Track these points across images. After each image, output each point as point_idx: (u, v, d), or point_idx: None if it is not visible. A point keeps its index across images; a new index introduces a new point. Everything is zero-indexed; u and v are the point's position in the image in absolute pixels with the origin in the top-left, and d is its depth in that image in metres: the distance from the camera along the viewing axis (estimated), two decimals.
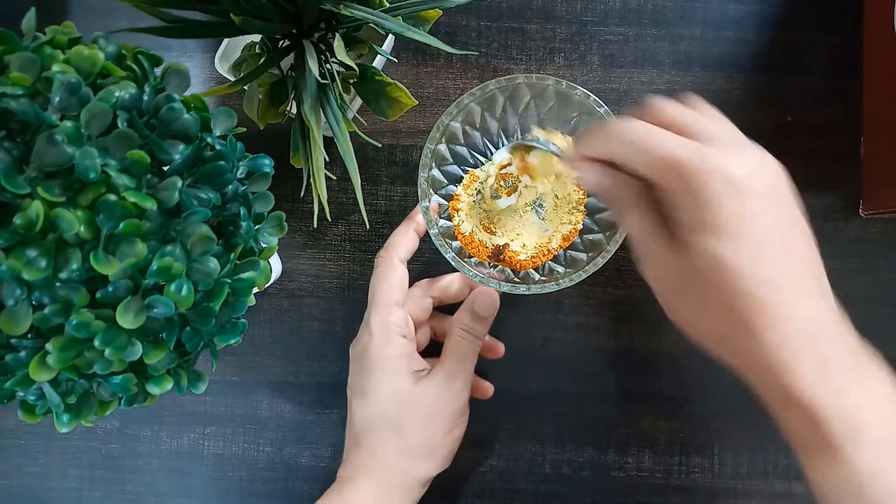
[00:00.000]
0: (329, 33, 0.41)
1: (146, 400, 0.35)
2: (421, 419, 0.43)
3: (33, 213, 0.27)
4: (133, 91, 0.31)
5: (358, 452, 0.44)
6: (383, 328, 0.44)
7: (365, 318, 0.45)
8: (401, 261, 0.46)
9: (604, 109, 0.43)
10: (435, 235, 0.44)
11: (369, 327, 0.44)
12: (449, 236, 0.46)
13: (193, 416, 0.51)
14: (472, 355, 0.45)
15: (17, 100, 0.28)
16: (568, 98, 0.44)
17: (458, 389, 0.44)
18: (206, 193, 0.32)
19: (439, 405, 0.44)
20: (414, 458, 0.43)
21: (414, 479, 0.43)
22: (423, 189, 0.44)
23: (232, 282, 0.33)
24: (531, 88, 0.45)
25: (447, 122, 0.44)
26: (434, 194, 0.46)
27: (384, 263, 0.45)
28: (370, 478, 0.43)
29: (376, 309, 0.44)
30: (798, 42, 0.52)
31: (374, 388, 0.44)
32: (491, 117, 0.47)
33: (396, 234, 0.47)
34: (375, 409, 0.43)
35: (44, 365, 0.30)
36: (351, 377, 0.46)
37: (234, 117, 0.35)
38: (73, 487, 0.51)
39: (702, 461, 0.51)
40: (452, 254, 0.44)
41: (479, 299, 0.45)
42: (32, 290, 0.29)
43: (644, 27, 0.52)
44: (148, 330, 0.31)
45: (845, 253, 0.51)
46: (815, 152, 0.51)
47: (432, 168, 0.45)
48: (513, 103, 0.46)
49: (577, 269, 0.43)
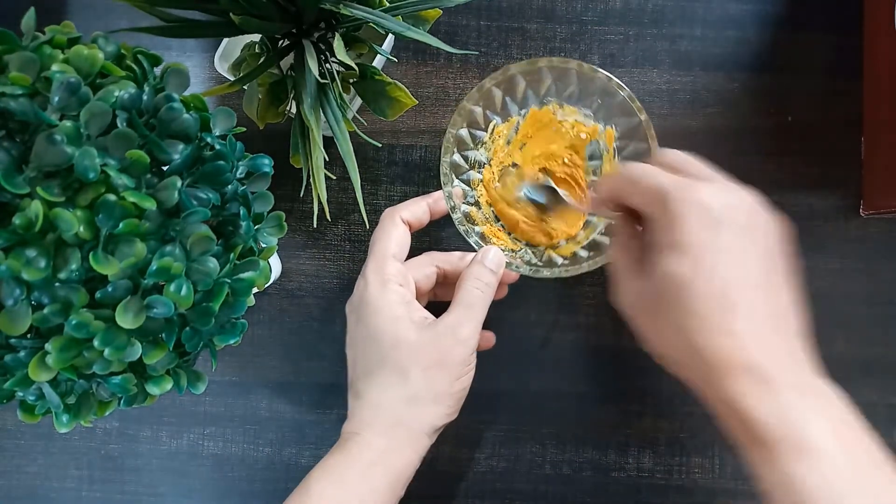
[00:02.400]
0: (329, 33, 0.41)
1: (145, 400, 0.35)
2: (426, 366, 0.41)
3: (32, 212, 0.27)
4: (132, 91, 0.31)
5: (360, 406, 0.42)
6: (379, 276, 0.42)
7: (362, 271, 0.44)
8: (404, 220, 0.44)
9: (626, 93, 0.44)
10: (458, 220, 0.44)
11: (365, 277, 0.43)
12: (471, 222, 0.47)
13: (193, 417, 0.51)
14: (482, 305, 0.43)
15: (17, 99, 0.28)
16: (590, 82, 0.45)
17: (466, 336, 0.42)
18: (206, 193, 0.32)
19: (445, 351, 0.41)
20: (419, 406, 0.41)
21: (420, 429, 0.41)
22: (445, 175, 0.44)
23: (231, 282, 0.33)
24: (552, 72, 0.45)
25: (469, 105, 0.45)
26: (457, 179, 0.46)
27: (387, 218, 0.44)
28: (375, 430, 0.41)
29: (373, 259, 0.43)
30: (798, 42, 0.52)
31: (375, 336, 0.42)
32: (512, 101, 0.47)
33: (409, 200, 0.46)
34: (376, 356, 0.42)
35: (43, 365, 0.30)
36: (349, 331, 0.44)
37: (233, 117, 0.35)
38: (73, 488, 0.51)
39: (702, 461, 0.51)
40: (476, 238, 0.44)
41: (488, 254, 0.44)
42: (32, 290, 0.29)
43: (644, 27, 0.52)
44: (147, 330, 0.31)
45: (845, 253, 0.51)
46: (815, 152, 0.51)
47: (454, 153, 0.45)
48: (534, 87, 0.47)
49: (601, 253, 0.44)
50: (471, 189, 0.48)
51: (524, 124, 0.49)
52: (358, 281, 0.44)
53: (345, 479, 0.40)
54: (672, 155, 0.38)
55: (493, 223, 0.49)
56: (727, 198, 0.35)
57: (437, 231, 0.51)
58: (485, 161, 0.49)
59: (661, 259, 0.35)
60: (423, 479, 0.51)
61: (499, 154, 0.49)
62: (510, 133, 0.49)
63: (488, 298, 0.44)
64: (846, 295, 0.51)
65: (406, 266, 0.45)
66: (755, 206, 0.35)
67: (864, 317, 0.51)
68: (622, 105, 0.45)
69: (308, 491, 0.39)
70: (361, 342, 0.43)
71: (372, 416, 0.41)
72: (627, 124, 0.46)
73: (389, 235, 0.44)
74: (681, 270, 0.34)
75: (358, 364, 0.43)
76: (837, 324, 0.51)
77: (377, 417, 0.41)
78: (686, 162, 0.37)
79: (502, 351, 0.50)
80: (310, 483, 0.40)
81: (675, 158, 0.38)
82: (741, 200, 0.35)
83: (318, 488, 0.39)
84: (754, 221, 0.35)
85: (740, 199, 0.35)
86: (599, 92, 0.45)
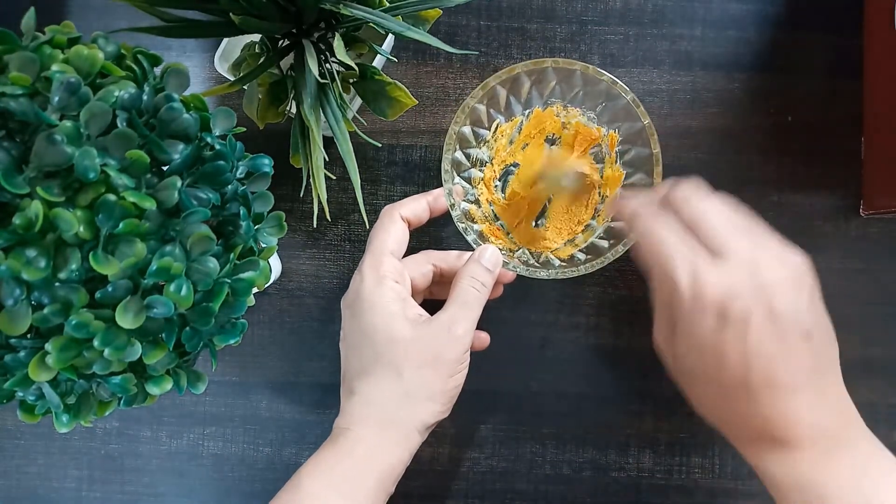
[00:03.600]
0: (329, 33, 0.41)
1: (145, 400, 0.34)
2: (420, 363, 0.41)
3: (32, 212, 0.27)
4: (132, 91, 0.31)
5: (353, 402, 0.42)
6: (375, 272, 0.42)
7: (358, 266, 0.44)
8: (404, 218, 0.44)
9: (630, 97, 0.44)
10: (457, 218, 0.44)
11: (361, 272, 0.43)
12: (470, 219, 0.47)
13: (193, 417, 0.51)
14: (478, 305, 0.43)
15: (17, 99, 0.28)
16: (595, 84, 0.45)
17: (461, 334, 0.42)
18: (206, 193, 0.32)
19: (440, 349, 0.41)
20: (412, 403, 0.41)
21: (412, 425, 0.41)
22: (446, 171, 0.44)
23: (231, 282, 0.33)
24: (558, 73, 0.45)
25: (472, 103, 0.45)
26: (458, 177, 0.47)
27: (386, 215, 0.44)
28: (366, 426, 0.41)
29: (371, 255, 0.43)
30: (799, 42, 0.52)
31: (369, 332, 0.41)
32: (516, 101, 0.48)
33: (409, 197, 0.46)
34: (371, 353, 0.41)
35: (43, 365, 0.30)
36: (343, 326, 0.44)
37: (233, 117, 0.35)
38: (73, 488, 0.51)
39: (702, 461, 0.51)
40: (474, 236, 0.44)
41: (486, 253, 0.44)
42: (32, 290, 0.29)
43: (644, 27, 0.52)
44: (147, 330, 0.31)
45: (846, 253, 0.51)
46: (815, 152, 0.51)
47: (456, 150, 0.46)
48: (538, 87, 0.47)
49: (599, 257, 0.44)
50: (471, 187, 0.48)
51: (527, 125, 0.49)
52: (354, 276, 0.44)
53: (335, 475, 0.40)
54: (683, 198, 0.37)
55: (493, 222, 0.49)
56: (739, 286, 0.34)
57: (436, 230, 0.51)
58: (487, 159, 0.49)
59: (681, 349, 0.36)
60: (423, 478, 0.51)
61: (500, 153, 0.49)
62: (513, 133, 0.49)
63: (484, 297, 0.43)
64: (846, 295, 0.51)
65: (403, 263, 0.44)
66: (777, 279, 0.35)
67: (864, 317, 0.51)
68: (626, 108, 0.45)
69: (298, 486, 0.39)
70: (355, 338, 0.43)
71: (364, 413, 0.41)
72: (631, 128, 0.46)
73: (388, 232, 0.44)
74: (703, 367, 0.35)
75: (351, 360, 0.43)
76: (837, 324, 0.51)
77: (369, 414, 0.41)
78: (701, 216, 0.36)
79: (502, 351, 0.50)
80: (300, 478, 0.40)
81: (690, 210, 0.37)
82: (754, 280, 0.35)
83: (307, 483, 0.39)
84: (777, 300, 0.34)
85: (753, 281, 0.35)
86: (604, 94, 0.46)
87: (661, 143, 0.44)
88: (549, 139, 0.50)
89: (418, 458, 0.51)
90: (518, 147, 0.50)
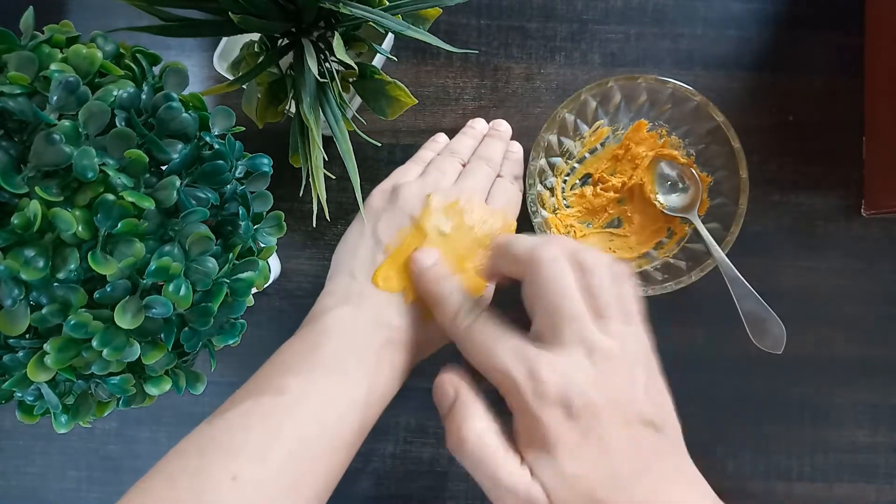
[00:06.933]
0: (328, 32, 0.40)
1: (144, 400, 0.34)
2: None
3: (31, 212, 0.27)
4: (131, 90, 0.31)
5: (336, 282, 0.41)
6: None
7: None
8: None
9: (700, 98, 0.45)
10: (537, 225, 0.46)
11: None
12: (541, 204, 0.48)
13: (192, 417, 0.51)
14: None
15: (15, 99, 0.28)
16: (685, 102, 0.46)
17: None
18: (205, 193, 0.32)
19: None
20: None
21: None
22: (531, 175, 0.46)
23: (230, 282, 0.33)
24: (648, 90, 0.47)
25: (563, 113, 0.46)
26: (539, 184, 0.48)
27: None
28: (350, 303, 0.39)
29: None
30: (800, 41, 0.52)
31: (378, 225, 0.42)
32: (604, 113, 0.49)
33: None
34: (367, 231, 0.42)
35: (42, 365, 0.29)
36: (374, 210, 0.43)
37: (232, 116, 0.35)
38: (72, 488, 0.51)
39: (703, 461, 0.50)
40: (539, 220, 0.46)
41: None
42: (30, 290, 0.29)
43: (645, 26, 0.52)
44: (146, 330, 0.31)
45: (847, 253, 0.51)
46: (816, 152, 0.51)
47: (541, 158, 0.47)
48: (629, 102, 0.48)
49: (678, 277, 0.45)
50: (551, 174, 0.50)
51: (626, 134, 0.50)
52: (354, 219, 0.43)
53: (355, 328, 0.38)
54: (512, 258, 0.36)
55: (563, 210, 0.50)
56: (562, 379, 0.32)
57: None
58: (576, 154, 0.50)
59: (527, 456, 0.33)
60: (423, 479, 0.51)
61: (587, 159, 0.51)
62: (597, 144, 0.51)
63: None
64: (847, 295, 0.51)
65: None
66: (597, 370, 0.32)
67: (864, 317, 0.51)
68: (696, 110, 0.46)
69: (324, 324, 0.38)
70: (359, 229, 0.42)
71: (347, 291, 0.40)
72: (704, 128, 0.47)
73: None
74: (547, 480, 0.32)
75: (339, 248, 0.42)
76: (838, 324, 0.51)
77: (352, 293, 0.40)
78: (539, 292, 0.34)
79: None
80: (326, 321, 0.38)
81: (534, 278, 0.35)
82: (581, 367, 0.32)
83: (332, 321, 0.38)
84: (590, 395, 0.32)
85: (582, 367, 0.32)
86: (691, 115, 0.47)
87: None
88: (611, 223, 0.51)
89: (418, 459, 0.51)
90: (607, 155, 0.51)
